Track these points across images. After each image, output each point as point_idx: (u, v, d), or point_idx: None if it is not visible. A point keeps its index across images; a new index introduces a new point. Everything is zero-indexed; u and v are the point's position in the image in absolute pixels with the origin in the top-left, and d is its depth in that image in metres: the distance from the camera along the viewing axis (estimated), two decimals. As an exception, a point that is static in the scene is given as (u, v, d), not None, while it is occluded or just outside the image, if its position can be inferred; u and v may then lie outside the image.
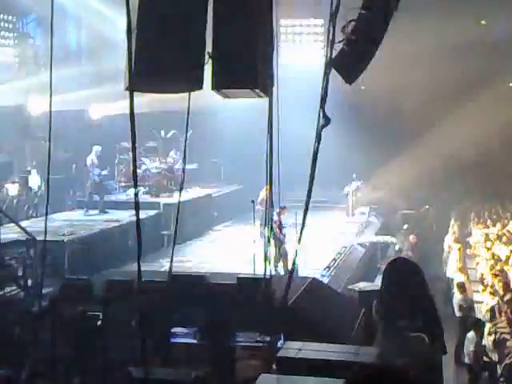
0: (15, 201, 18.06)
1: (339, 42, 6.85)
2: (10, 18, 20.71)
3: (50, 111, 6.57)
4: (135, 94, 5.27)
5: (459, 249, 17.43)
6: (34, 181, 18.79)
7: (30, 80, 18.52)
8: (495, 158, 24.24)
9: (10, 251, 12.28)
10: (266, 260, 8.64)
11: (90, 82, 20.36)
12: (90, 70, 21.47)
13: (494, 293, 13.76)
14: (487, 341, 11.64)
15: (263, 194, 17.10)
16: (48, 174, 7.38)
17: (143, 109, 13.18)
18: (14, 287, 11.56)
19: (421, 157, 23.87)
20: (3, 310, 10.64)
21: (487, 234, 19.42)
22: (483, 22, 25.70)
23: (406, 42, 21.31)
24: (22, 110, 19.31)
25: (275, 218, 13.94)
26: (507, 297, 12.85)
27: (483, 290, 14.41)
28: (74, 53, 23.44)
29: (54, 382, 9.19)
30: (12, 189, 18.37)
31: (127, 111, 5.07)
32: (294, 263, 9.21)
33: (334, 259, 16.62)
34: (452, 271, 16.34)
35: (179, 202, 8.57)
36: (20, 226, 12.90)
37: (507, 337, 11.53)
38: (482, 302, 13.76)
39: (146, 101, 13.37)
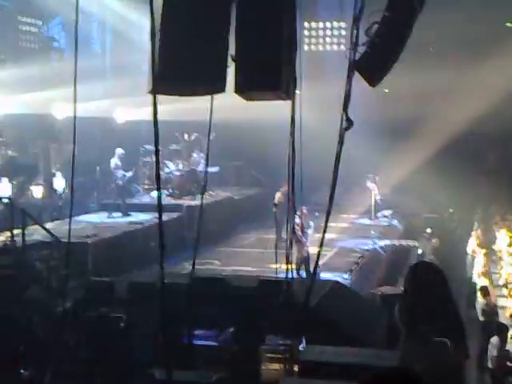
0: (40, 203, 18.26)
1: (363, 44, 6.82)
2: (35, 21, 20.97)
3: (75, 114, 6.63)
4: (161, 101, 5.29)
5: (485, 254, 17.25)
6: (59, 183, 18.98)
7: (55, 83, 18.73)
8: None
9: (35, 253, 12.43)
10: (287, 263, 8.63)
11: (114, 85, 20.52)
12: (115, 74, 21.65)
13: (518, 298, 13.63)
14: (511, 346, 11.51)
15: (279, 195, 17.14)
16: (72, 176, 7.45)
17: (168, 117, 13.29)
18: (38, 288, 11.68)
19: (444, 160, 23.68)
20: (28, 311, 10.76)
21: (512, 238, 19.18)
22: (509, 24, 25.45)
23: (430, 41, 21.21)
24: (47, 113, 19.51)
25: (297, 220, 13.92)
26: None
27: (508, 295, 14.26)
28: (99, 56, 23.66)
29: (76, 382, 9.28)
30: (37, 191, 18.58)
31: (151, 117, 5.10)
32: (316, 266, 9.19)
33: (357, 263, 16.55)
34: (476, 275, 16.19)
35: (202, 205, 8.60)
36: (45, 228, 13.04)
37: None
38: (506, 307, 13.62)
39: (170, 110, 13.45)
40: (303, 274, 14.41)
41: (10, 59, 19.23)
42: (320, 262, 9.34)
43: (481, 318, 13.44)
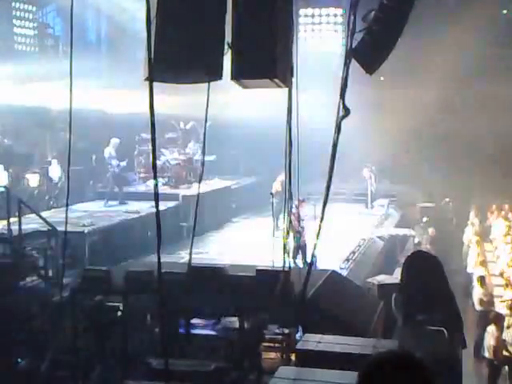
0: (36, 191, 18.20)
1: (360, 31, 6.78)
2: (30, 7, 20.80)
3: (71, 102, 6.59)
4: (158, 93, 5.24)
5: (478, 242, 17.30)
6: (55, 172, 18.91)
7: (50, 70, 18.61)
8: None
9: (31, 242, 12.38)
10: (284, 252, 8.62)
11: (110, 74, 20.42)
12: (111, 62, 21.53)
13: (514, 287, 13.66)
14: (507, 335, 11.54)
15: (277, 185, 17.12)
16: (68, 164, 7.42)
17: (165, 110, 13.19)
18: (35, 277, 11.65)
19: (441, 149, 23.68)
20: (24, 300, 10.74)
21: (508, 228, 19.22)
22: (504, 11, 25.43)
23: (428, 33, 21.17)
24: (44, 102, 19.41)
25: (294, 210, 13.89)
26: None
27: (505, 284, 14.29)
28: (94, 43, 23.53)
29: (74, 371, 9.28)
30: (33, 179, 18.50)
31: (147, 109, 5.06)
32: (312, 256, 9.19)
33: (353, 252, 16.55)
34: (472, 265, 16.22)
35: (198, 194, 8.58)
36: (41, 217, 12.98)
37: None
38: (503, 296, 13.65)
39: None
40: (300, 263, 14.41)
41: (5, 47, 19.10)
42: (316, 252, 9.34)
43: (477, 308, 13.48)
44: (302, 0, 23.37)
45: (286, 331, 9.36)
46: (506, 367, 11.44)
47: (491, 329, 11.40)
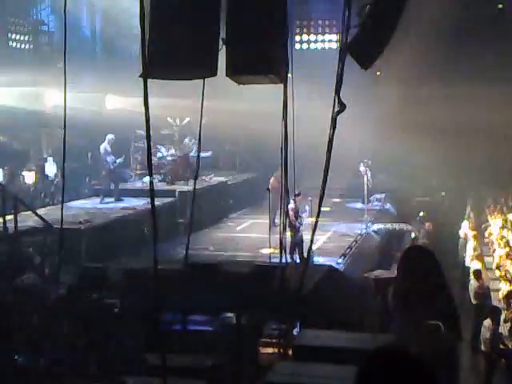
0: (32, 189, 18.16)
1: (355, 26, 6.76)
2: (24, 4, 20.70)
3: (65, 99, 6.57)
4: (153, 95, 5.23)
5: (474, 236, 17.33)
6: (51, 169, 18.86)
7: (44, 67, 18.54)
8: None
9: (28, 239, 12.37)
10: (281, 248, 8.62)
11: (105, 71, 20.36)
12: (105, 59, 21.47)
13: (510, 280, 13.69)
14: (503, 328, 11.57)
15: (273, 180, 17.11)
16: (64, 162, 7.41)
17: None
18: (31, 275, 11.63)
19: (437, 144, 23.68)
20: (21, 298, 10.73)
21: (504, 221, 19.26)
22: (500, 6, 25.47)
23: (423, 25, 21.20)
24: (38, 98, 19.35)
25: (291, 205, 13.90)
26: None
27: (500, 277, 14.33)
28: (88, 40, 23.45)
29: (71, 368, 9.27)
30: (29, 177, 18.46)
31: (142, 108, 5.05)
32: (309, 251, 9.20)
33: (350, 247, 16.57)
34: (469, 259, 16.25)
35: (195, 190, 8.57)
36: (37, 214, 12.97)
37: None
38: (499, 290, 13.69)
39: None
40: (297, 258, 14.42)
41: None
42: (313, 247, 9.35)
43: (474, 301, 13.51)
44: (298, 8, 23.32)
45: (284, 327, 9.37)
46: (503, 360, 11.47)
47: (487, 322, 11.43)
